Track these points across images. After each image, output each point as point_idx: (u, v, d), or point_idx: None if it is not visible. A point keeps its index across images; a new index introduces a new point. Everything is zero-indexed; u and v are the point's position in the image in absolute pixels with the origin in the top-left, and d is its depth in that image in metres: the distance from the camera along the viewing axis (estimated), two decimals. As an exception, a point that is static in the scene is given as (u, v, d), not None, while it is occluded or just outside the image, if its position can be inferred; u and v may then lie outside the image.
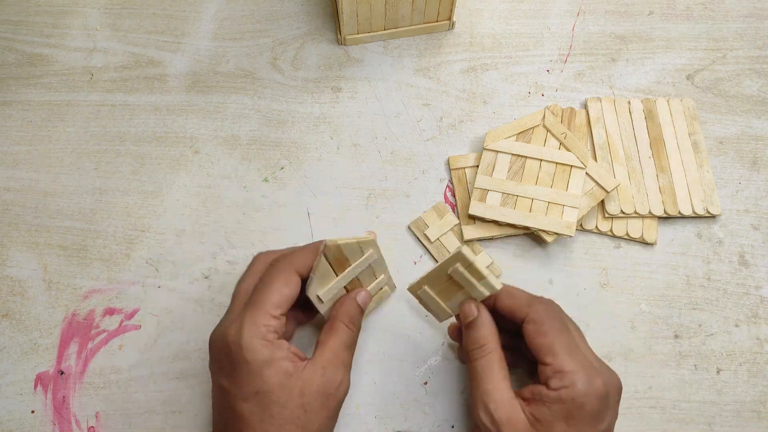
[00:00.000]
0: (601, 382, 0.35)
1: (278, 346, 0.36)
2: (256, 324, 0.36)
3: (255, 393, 0.35)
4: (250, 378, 0.35)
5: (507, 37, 0.57)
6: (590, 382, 0.34)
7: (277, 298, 0.37)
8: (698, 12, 0.58)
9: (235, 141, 0.53)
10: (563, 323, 0.37)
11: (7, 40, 0.57)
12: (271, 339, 0.36)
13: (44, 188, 0.51)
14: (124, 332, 0.46)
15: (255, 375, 0.35)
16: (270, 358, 0.35)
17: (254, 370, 0.35)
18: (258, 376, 0.35)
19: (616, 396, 0.36)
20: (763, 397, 0.44)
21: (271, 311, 0.36)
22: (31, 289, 0.48)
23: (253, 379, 0.35)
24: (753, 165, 0.52)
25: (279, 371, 0.35)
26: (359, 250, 0.40)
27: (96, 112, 0.54)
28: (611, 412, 0.35)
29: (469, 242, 0.49)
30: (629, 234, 0.49)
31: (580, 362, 0.35)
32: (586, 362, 0.35)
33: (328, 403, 0.36)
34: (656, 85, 0.55)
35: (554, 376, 0.35)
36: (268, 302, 0.37)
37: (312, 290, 0.39)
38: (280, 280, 0.37)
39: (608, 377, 0.36)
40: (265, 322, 0.36)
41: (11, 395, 0.45)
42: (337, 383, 0.37)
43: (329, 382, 0.36)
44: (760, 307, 0.47)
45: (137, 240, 0.49)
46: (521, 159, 0.50)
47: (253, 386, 0.35)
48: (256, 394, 0.35)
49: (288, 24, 0.58)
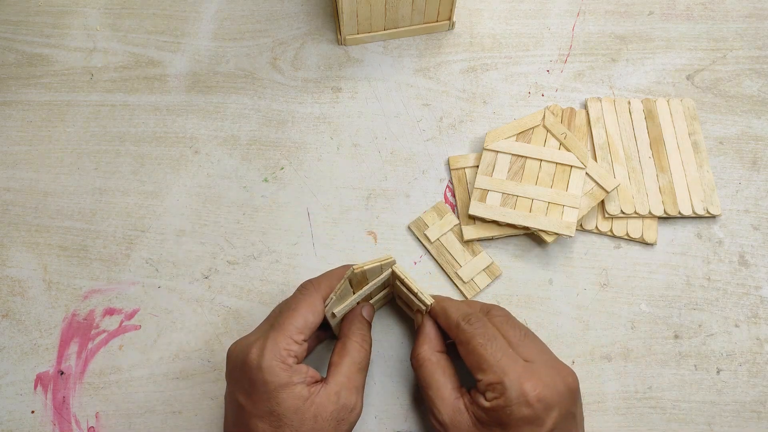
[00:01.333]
0: (531, 385, 0.35)
1: (297, 371, 0.37)
2: (277, 347, 0.36)
3: (269, 414, 0.35)
4: (266, 398, 0.36)
5: (507, 37, 0.57)
6: (519, 388, 0.35)
7: (301, 323, 0.38)
8: (698, 12, 0.58)
9: (235, 141, 0.53)
10: (490, 335, 0.37)
11: (7, 40, 0.57)
12: (291, 363, 0.36)
13: (44, 188, 0.51)
14: (124, 332, 0.46)
15: (271, 397, 0.36)
16: (287, 383, 0.36)
17: (271, 392, 0.36)
18: (274, 399, 0.36)
19: (556, 397, 0.35)
20: (763, 397, 0.44)
21: (294, 336, 0.37)
22: (31, 289, 0.48)
23: (268, 399, 0.36)
24: (753, 165, 0.52)
25: (294, 395, 0.36)
26: (379, 270, 0.41)
27: (96, 112, 0.54)
28: (556, 413, 0.35)
29: (471, 242, 0.49)
30: (629, 234, 0.49)
31: (509, 369, 0.36)
32: (516, 368, 0.36)
33: (340, 427, 0.37)
34: (656, 85, 0.55)
35: (487, 389, 0.36)
36: (292, 327, 0.37)
37: (329, 309, 0.39)
38: (305, 305, 0.38)
39: (547, 379, 0.36)
40: (287, 346, 0.37)
41: (11, 395, 0.45)
42: (350, 408, 0.37)
43: (343, 408, 0.37)
44: (760, 307, 0.47)
45: (137, 240, 0.49)
46: (521, 159, 0.50)
47: (268, 407, 0.36)
48: (271, 414, 0.35)
49: (288, 24, 0.58)
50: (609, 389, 0.45)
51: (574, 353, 0.46)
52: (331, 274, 0.41)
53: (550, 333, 0.46)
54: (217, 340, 0.46)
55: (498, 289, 0.47)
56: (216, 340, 0.46)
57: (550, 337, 0.46)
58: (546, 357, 0.38)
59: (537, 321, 0.46)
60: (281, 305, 0.41)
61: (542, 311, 0.47)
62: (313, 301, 0.39)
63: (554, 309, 0.47)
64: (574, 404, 0.37)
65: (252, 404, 0.36)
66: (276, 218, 0.50)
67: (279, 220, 0.50)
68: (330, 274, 0.41)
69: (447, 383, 0.38)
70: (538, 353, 0.37)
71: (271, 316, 0.40)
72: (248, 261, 0.48)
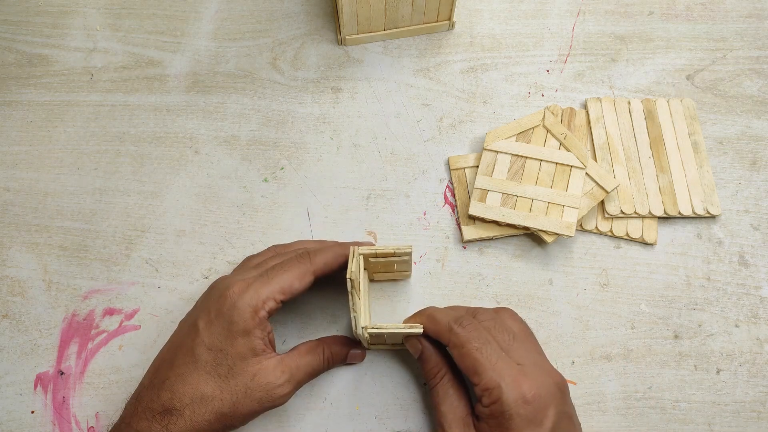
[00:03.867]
0: (527, 387, 0.35)
1: (262, 325, 0.38)
2: (258, 295, 0.38)
3: (219, 350, 0.37)
4: (224, 336, 0.37)
5: (507, 37, 0.57)
6: (516, 391, 0.35)
7: (287, 285, 0.39)
8: (698, 12, 0.58)
9: (235, 141, 0.53)
10: (484, 338, 0.38)
11: (7, 40, 0.57)
12: (262, 316, 0.38)
13: (44, 188, 0.51)
14: (124, 332, 0.46)
15: (229, 335, 0.37)
16: (249, 331, 0.37)
17: (231, 331, 0.37)
18: (230, 338, 0.37)
19: (550, 396, 0.36)
20: (763, 397, 0.44)
21: (276, 294, 0.38)
22: (31, 289, 0.48)
23: (225, 337, 0.37)
24: (753, 165, 0.52)
25: (249, 345, 0.37)
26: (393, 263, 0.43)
27: (96, 113, 0.54)
28: (553, 412, 0.35)
29: (469, 242, 0.49)
30: (629, 234, 0.49)
31: (504, 373, 0.36)
32: (511, 371, 0.36)
33: (264, 402, 0.38)
34: (656, 85, 0.55)
35: (483, 394, 0.36)
36: (278, 285, 0.39)
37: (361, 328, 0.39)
38: (297, 272, 0.40)
39: (540, 379, 0.36)
40: (266, 299, 0.38)
41: (11, 395, 0.45)
42: (282, 394, 0.38)
43: (278, 388, 0.38)
44: (760, 307, 0.47)
45: (137, 240, 0.49)
46: (521, 159, 0.50)
47: (222, 344, 0.37)
48: (219, 351, 0.37)
49: (288, 24, 0.58)
50: (609, 389, 0.45)
51: (574, 353, 0.46)
52: (327, 250, 0.42)
53: (550, 333, 0.46)
54: (217, 340, 0.46)
55: (498, 289, 0.47)
56: (216, 340, 0.46)
57: (550, 337, 0.46)
58: (534, 359, 0.38)
59: (537, 321, 0.46)
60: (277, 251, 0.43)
61: (542, 311, 0.47)
62: (305, 272, 0.40)
63: (554, 309, 0.47)
64: (566, 403, 0.37)
65: (208, 333, 0.37)
66: (276, 218, 0.50)
67: (279, 220, 0.50)
68: (326, 250, 0.42)
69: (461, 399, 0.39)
70: (526, 355, 0.38)
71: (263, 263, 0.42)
72: (248, 261, 0.48)
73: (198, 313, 0.39)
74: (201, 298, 0.41)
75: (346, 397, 0.44)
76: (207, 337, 0.37)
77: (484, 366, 0.36)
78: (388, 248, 0.41)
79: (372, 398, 0.44)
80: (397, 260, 0.42)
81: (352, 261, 0.39)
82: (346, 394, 0.44)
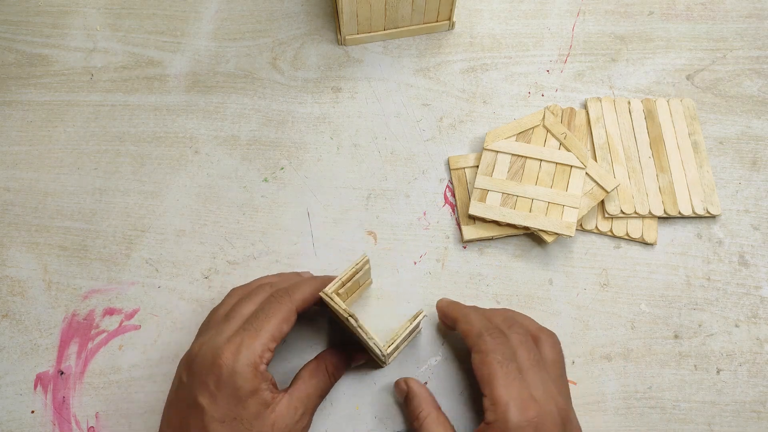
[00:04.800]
0: (534, 413, 0.35)
1: (265, 377, 0.37)
2: (253, 353, 0.36)
3: (233, 418, 0.36)
4: (234, 403, 0.36)
5: (507, 37, 0.57)
6: (522, 414, 0.35)
7: (276, 332, 0.38)
8: (698, 12, 0.58)
9: (235, 141, 0.53)
10: (510, 355, 0.38)
11: (7, 40, 0.57)
12: (262, 370, 0.37)
13: (44, 188, 0.51)
14: (124, 332, 0.46)
15: (239, 402, 0.36)
16: (257, 389, 0.36)
17: (240, 397, 0.36)
18: (242, 404, 0.36)
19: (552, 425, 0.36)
20: (763, 397, 0.44)
21: (269, 344, 0.37)
22: (31, 289, 0.48)
23: (236, 405, 0.36)
24: (753, 165, 0.52)
25: (259, 401, 0.36)
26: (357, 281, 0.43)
27: (96, 112, 0.54)
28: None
29: (469, 242, 0.49)
30: (629, 234, 0.49)
31: (516, 394, 0.36)
32: (524, 393, 0.36)
33: None
34: (656, 85, 0.55)
35: (489, 408, 0.36)
36: (268, 334, 0.37)
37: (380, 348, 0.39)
38: (280, 315, 0.38)
39: (546, 406, 0.36)
40: (261, 353, 0.37)
41: (11, 395, 0.45)
42: (303, 426, 0.38)
43: (297, 423, 0.38)
44: (760, 307, 0.47)
45: (137, 240, 0.49)
46: (521, 159, 0.50)
47: (234, 412, 0.36)
48: (234, 419, 0.36)
49: (288, 24, 0.58)
50: (609, 389, 0.45)
51: (574, 353, 0.46)
52: (303, 285, 0.40)
53: (550, 333, 0.46)
54: (217, 340, 0.46)
55: (498, 289, 0.47)
56: (216, 340, 0.46)
57: (550, 337, 0.46)
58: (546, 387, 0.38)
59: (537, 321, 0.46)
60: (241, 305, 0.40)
61: (542, 311, 0.47)
62: (288, 313, 0.39)
63: (554, 309, 0.47)
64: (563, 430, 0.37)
65: (215, 407, 0.36)
66: (276, 218, 0.50)
67: (279, 220, 0.50)
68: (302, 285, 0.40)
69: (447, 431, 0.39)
70: (541, 383, 0.38)
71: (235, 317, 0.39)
72: (248, 261, 0.48)
73: (193, 389, 0.37)
74: (184, 371, 0.38)
75: (346, 398, 0.44)
76: (216, 412, 0.36)
77: (500, 380, 0.36)
78: (348, 269, 0.41)
79: (372, 398, 0.44)
80: (360, 275, 0.42)
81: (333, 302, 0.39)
82: (346, 395, 0.44)
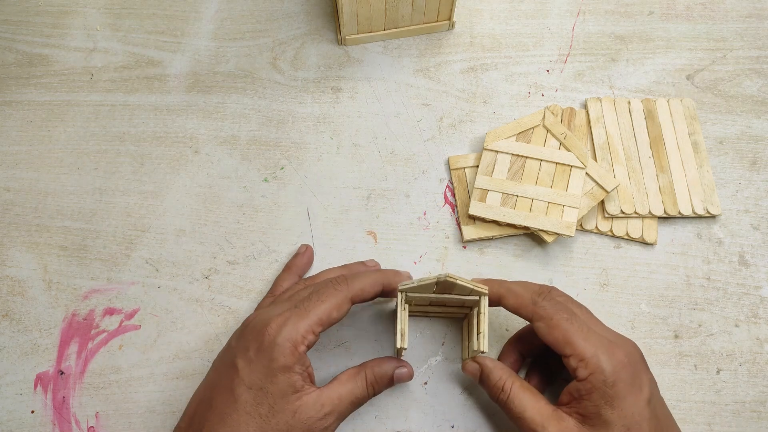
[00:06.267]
0: (622, 354, 0.36)
1: (301, 360, 0.37)
2: (297, 330, 0.37)
3: (260, 389, 0.36)
4: (265, 374, 0.36)
5: (507, 37, 0.57)
6: (613, 358, 0.35)
7: (325, 316, 0.38)
8: (698, 12, 0.58)
9: (235, 141, 0.53)
10: (570, 311, 0.38)
11: (7, 40, 0.57)
12: (301, 351, 0.37)
13: (44, 188, 0.51)
14: (124, 332, 0.46)
15: (270, 373, 0.36)
16: (289, 367, 0.36)
17: (272, 368, 0.36)
18: (271, 376, 0.36)
19: (640, 360, 0.37)
20: (763, 397, 0.44)
21: (314, 327, 0.37)
22: (31, 289, 0.48)
23: (266, 375, 0.36)
24: (753, 165, 0.52)
25: (289, 382, 0.36)
26: None
27: (96, 112, 0.54)
28: (645, 377, 0.36)
29: (469, 242, 0.49)
30: (629, 234, 0.49)
31: (597, 343, 0.36)
32: (603, 340, 0.37)
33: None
34: (656, 85, 0.55)
35: (578, 365, 0.36)
36: (316, 317, 0.38)
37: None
38: (334, 301, 0.38)
39: (626, 346, 0.37)
40: (305, 333, 0.37)
41: (11, 395, 0.45)
42: (324, 427, 0.37)
43: (319, 422, 0.37)
44: (760, 307, 0.47)
45: (137, 240, 0.49)
46: (521, 159, 0.50)
47: (262, 382, 0.36)
48: (260, 390, 0.36)
49: (288, 24, 0.58)
50: (609, 389, 0.45)
51: (574, 353, 0.46)
52: (365, 275, 0.40)
53: (550, 333, 0.46)
54: (217, 340, 0.46)
55: (498, 289, 0.47)
56: (215, 340, 0.46)
57: (550, 337, 0.46)
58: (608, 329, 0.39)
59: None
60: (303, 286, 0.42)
61: (542, 311, 0.47)
62: (342, 301, 0.39)
63: (554, 309, 0.47)
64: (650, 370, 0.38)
65: (248, 372, 0.36)
66: (276, 218, 0.50)
67: (279, 220, 0.50)
68: (364, 276, 0.40)
69: (539, 398, 0.38)
70: (603, 327, 0.38)
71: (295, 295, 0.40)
72: (248, 261, 0.48)
73: (236, 351, 0.38)
74: (235, 336, 0.40)
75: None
76: (247, 376, 0.36)
77: (577, 337, 0.36)
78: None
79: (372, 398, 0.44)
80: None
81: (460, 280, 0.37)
82: (346, 394, 0.44)
